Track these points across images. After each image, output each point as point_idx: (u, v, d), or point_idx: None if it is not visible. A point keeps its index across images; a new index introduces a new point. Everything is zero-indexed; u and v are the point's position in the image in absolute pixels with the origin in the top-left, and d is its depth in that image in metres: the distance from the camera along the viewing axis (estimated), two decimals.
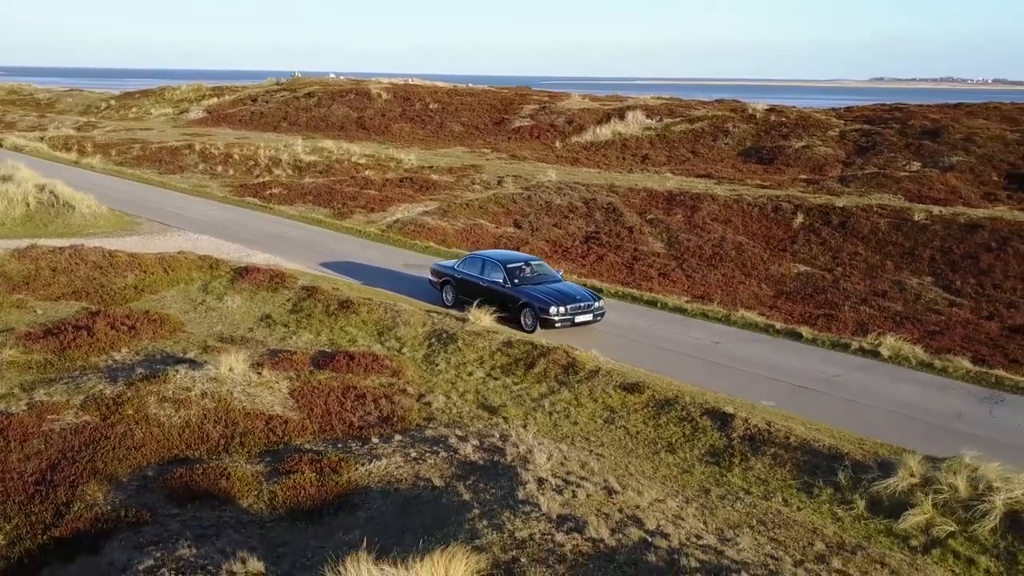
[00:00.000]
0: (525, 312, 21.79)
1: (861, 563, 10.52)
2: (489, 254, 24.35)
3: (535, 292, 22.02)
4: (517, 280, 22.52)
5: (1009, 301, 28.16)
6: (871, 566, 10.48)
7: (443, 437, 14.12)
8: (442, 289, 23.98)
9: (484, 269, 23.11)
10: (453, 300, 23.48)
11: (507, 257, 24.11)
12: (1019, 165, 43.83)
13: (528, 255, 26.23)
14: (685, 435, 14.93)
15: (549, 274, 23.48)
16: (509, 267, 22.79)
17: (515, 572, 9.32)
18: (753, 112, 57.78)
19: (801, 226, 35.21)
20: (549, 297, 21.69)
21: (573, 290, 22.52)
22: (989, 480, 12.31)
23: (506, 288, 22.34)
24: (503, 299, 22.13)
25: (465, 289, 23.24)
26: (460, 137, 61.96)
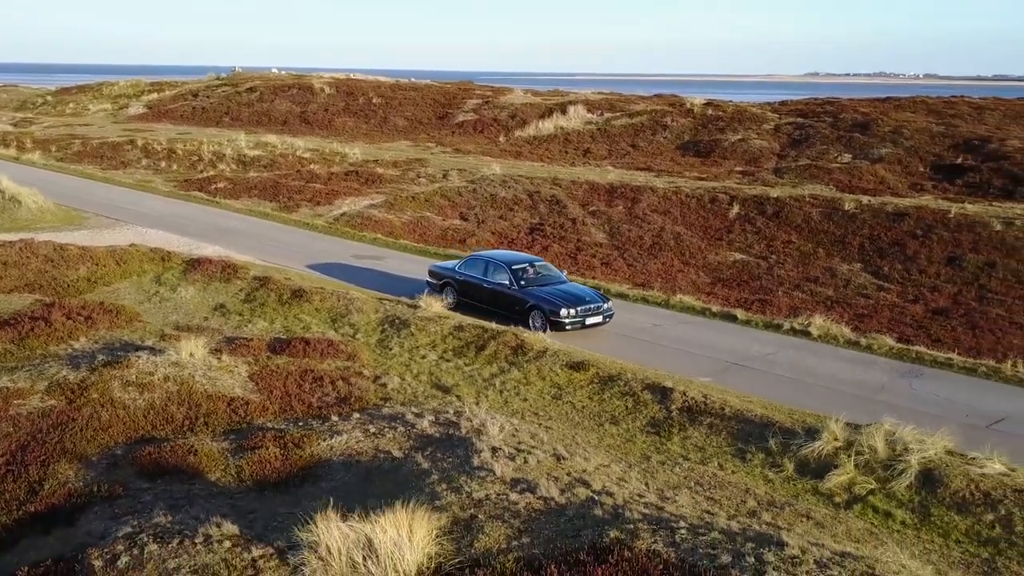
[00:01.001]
0: (533, 315, 21.17)
1: (789, 516, 11.52)
2: (492, 255, 23.67)
3: (543, 294, 21.45)
4: (523, 282, 21.90)
5: (933, 285, 29.68)
6: (798, 519, 11.49)
7: (400, 414, 14.85)
8: (442, 291, 23.14)
9: (487, 271, 22.45)
10: (455, 302, 22.64)
11: (511, 258, 23.43)
12: (944, 156, 45.73)
13: (531, 256, 25.73)
14: (627, 408, 15.89)
15: (554, 275, 22.97)
16: (514, 268, 22.16)
17: (473, 527, 10.12)
18: (691, 107, 59.21)
19: (737, 216, 36.50)
20: (559, 299, 21.15)
21: (581, 291, 22.05)
22: (906, 442, 13.42)
23: (512, 290, 21.72)
24: (509, 301, 21.65)
25: (467, 291, 22.64)
26: (404, 131, 62.50)
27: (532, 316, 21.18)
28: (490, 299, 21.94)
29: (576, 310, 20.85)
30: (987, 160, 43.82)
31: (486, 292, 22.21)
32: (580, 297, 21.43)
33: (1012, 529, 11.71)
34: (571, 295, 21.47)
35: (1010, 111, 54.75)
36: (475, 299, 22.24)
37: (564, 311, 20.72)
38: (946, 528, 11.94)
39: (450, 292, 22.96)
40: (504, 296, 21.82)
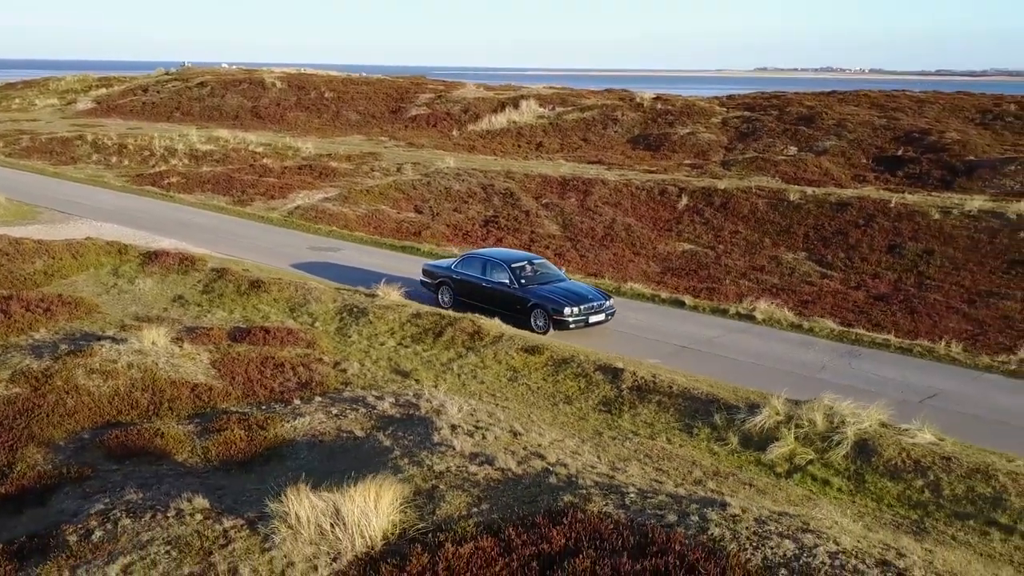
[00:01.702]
0: (536, 314, 20.79)
1: (732, 485, 12.21)
2: (489, 253, 23.24)
3: (546, 293, 21.05)
4: (524, 280, 21.50)
5: (874, 272, 30.72)
6: (741, 487, 12.18)
7: (361, 397, 15.33)
8: (437, 291, 22.80)
9: (486, 269, 22.02)
10: (451, 302, 22.33)
11: (510, 256, 22.95)
12: (886, 148, 47.03)
13: (530, 253, 25.35)
14: (580, 388, 16.52)
15: (554, 273, 22.68)
16: (514, 267, 21.75)
17: (435, 496, 10.66)
18: (641, 101, 60.09)
19: (686, 208, 37.32)
20: (562, 298, 20.74)
21: (584, 289, 21.78)
22: (843, 416, 14.21)
23: (513, 289, 21.32)
24: (510, 301, 21.27)
25: (465, 290, 22.26)
26: (357, 125, 62.65)
27: (534, 315, 20.81)
28: (489, 299, 21.56)
29: (579, 308, 20.49)
30: (927, 152, 45.17)
31: (485, 291, 21.79)
32: (583, 295, 21.08)
33: (940, 493, 12.52)
34: (574, 293, 21.14)
35: (949, 104, 56.31)
36: (473, 299, 21.88)
37: (568, 310, 20.35)
38: (879, 493, 12.72)
39: (446, 292, 22.60)
40: (504, 295, 21.39)
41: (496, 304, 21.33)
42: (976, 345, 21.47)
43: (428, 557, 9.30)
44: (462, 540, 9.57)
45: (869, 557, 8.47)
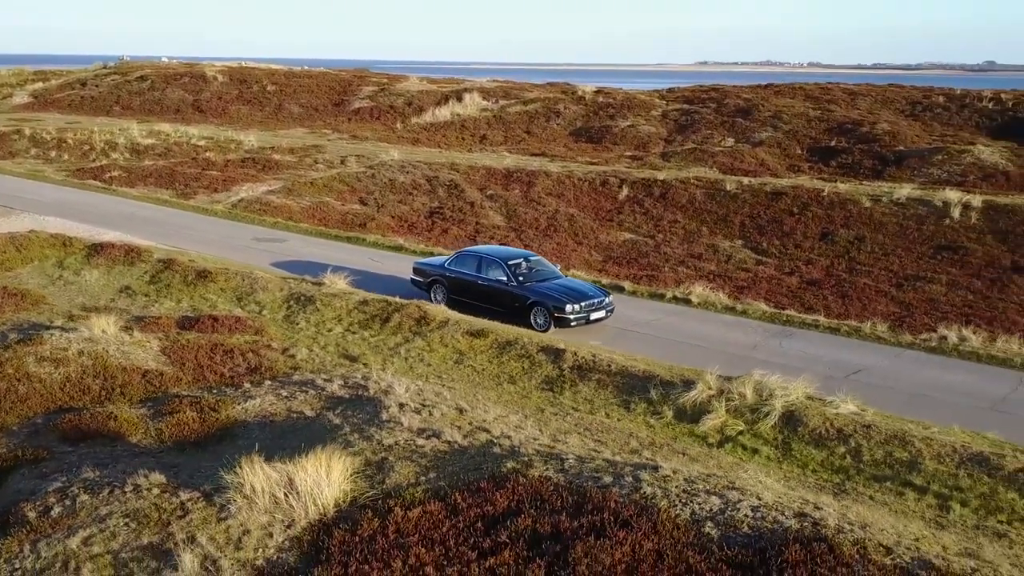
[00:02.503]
0: (536, 312, 20.45)
1: (666, 453, 12.89)
2: (483, 251, 22.79)
3: (545, 290, 20.76)
4: (522, 278, 21.20)
5: (807, 259, 31.83)
6: (675, 455, 12.87)
7: (310, 380, 15.76)
8: (430, 289, 22.37)
9: (481, 267, 21.64)
10: (444, 300, 21.82)
11: (506, 253, 22.52)
12: (820, 139, 48.42)
13: (525, 250, 25.14)
14: (524, 369, 17.13)
15: (549, 269, 22.46)
16: (510, 264, 21.44)
17: (385, 467, 11.17)
18: (583, 94, 60.92)
19: (627, 198, 38.18)
20: (562, 295, 20.45)
21: (583, 286, 21.54)
22: (771, 389, 14.99)
23: (511, 287, 20.98)
24: (508, 299, 20.94)
25: (459, 289, 21.85)
26: (300, 119, 62.60)
27: (534, 313, 20.48)
28: (486, 297, 21.23)
29: (580, 305, 20.17)
30: (859, 142, 46.64)
31: (481, 290, 21.43)
32: (583, 292, 20.81)
33: (860, 458, 13.34)
34: (573, 290, 20.88)
35: (881, 97, 58.03)
36: (469, 297, 21.53)
37: (569, 307, 20.01)
38: (804, 460, 13.52)
39: (439, 291, 22.18)
40: (502, 294, 21.05)
41: (493, 303, 21.04)
42: (902, 326, 22.51)
43: (378, 521, 9.81)
44: (411, 505, 10.10)
45: (788, 510, 9.18)
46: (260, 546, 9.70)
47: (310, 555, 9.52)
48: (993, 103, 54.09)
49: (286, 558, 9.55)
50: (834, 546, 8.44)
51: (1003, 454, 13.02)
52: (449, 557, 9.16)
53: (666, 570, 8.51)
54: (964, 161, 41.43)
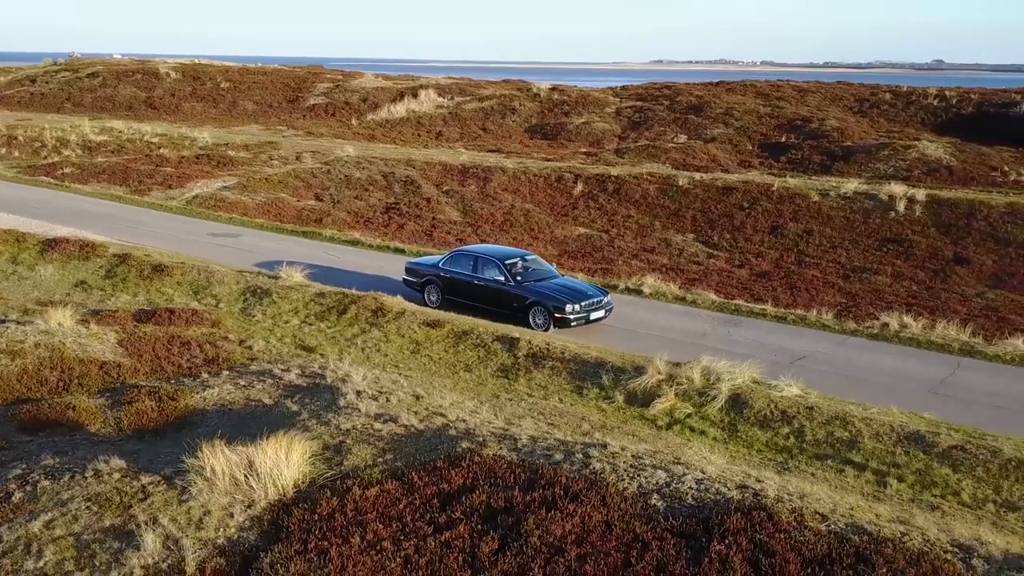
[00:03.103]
0: (535, 312, 20.19)
1: (618, 435, 13.30)
2: (479, 250, 22.54)
3: (544, 290, 20.53)
4: (519, 277, 20.95)
5: (757, 252, 32.50)
6: (625, 437, 13.28)
7: (267, 370, 15.96)
8: (423, 290, 22.04)
9: (477, 267, 21.32)
10: (439, 301, 21.66)
11: (502, 252, 22.24)
12: (770, 136, 49.29)
13: (521, 249, 24.89)
14: (479, 357, 17.47)
15: (545, 268, 22.25)
16: (507, 263, 21.17)
17: (343, 449, 11.45)
18: (538, 91, 61.37)
19: (581, 194, 38.63)
20: (561, 295, 20.23)
21: (582, 285, 21.41)
22: (719, 373, 15.48)
23: (508, 287, 20.71)
24: (506, 299, 20.67)
25: (455, 289, 21.56)
26: (254, 115, 62.38)
27: (533, 313, 20.24)
28: (483, 297, 20.97)
29: (580, 305, 19.96)
30: (808, 138, 47.57)
31: (478, 290, 21.15)
32: (582, 292, 20.61)
33: (803, 438, 13.86)
34: (573, 290, 20.69)
35: (829, 94, 59.14)
36: (465, 297, 21.30)
37: (569, 307, 19.78)
38: (750, 440, 14.01)
39: (433, 291, 21.87)
40: (499, 294, 20.78)
41: (490, 303, 20.80)
42: (848, 315, 23.15)
43: (337, 500, 10.10)
44: (368, 484, 10.40)
45: (730, 482, 9.61)
46: (221, 526, 9.94)
47: (270, 533, 9.78)
48: (938, 100, 55.38)
49: (247, 536, 9.80)
50: (773, 514, 8.89)
51: (938, 432, 13.60)
52: (406, 532, 9.48)
53: (614, 540, 8.90)
54: (909, 156, 42.46)
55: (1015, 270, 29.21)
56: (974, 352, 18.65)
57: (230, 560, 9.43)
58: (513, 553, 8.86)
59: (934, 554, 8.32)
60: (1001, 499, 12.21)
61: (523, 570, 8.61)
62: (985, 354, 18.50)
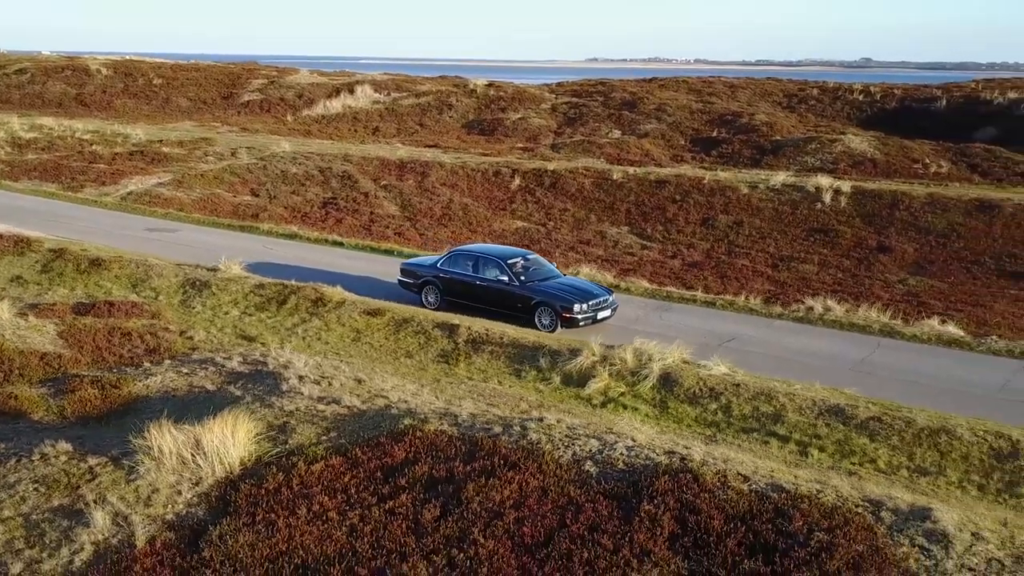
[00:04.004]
0: (541, 312, 19.70)
1: (554, 412, 13.79)
2: (479, 249, 22.09)
3: (550, 289, 20.12)
4: (523, 277, 20.45)
5: (689, 243, 33.33)
6: (561, 414, 13.77)
7: (209, 358, 16.15)
8: (421, 291, 21.42)
9: (478, 267, 20.81)
10: (437, 302, 21.05)
11: (504, 252, 21.78)
12: (702, 130, 50.33)
13: (520, 248, 24.54)
14: (420, 344, 17.86)
15: (548, 268, 21.82)
16: (510, 263, 20.67)
17: (287, 429, 11.78)
18: (474, 88, 61.75)
19: (519, 188, 39.15)
20: (569, 294, 19.82)
21: (587, 284, 21.06)
22: (650, 354, 16.08)
23: (512, 287, 20.19)
24: (511, 300, 20.12)
25: (455, 290, 20.98)
26: (188, 112, 61.79)
27: (539, 314, 19.75)
28: (485, 298, 20.43)
29: (588, 305, 19.56)
30: (739, 133, 48.69)
31: (479, 290, 20.58)
32: (589, 291, 20.23)
33: (730, 413, 14.51)
34: (580, 289, 20.34)
35: (759, 90, 60.52)
36: (465, 298, 20.74)
37: (577, 307, 19.36)
38: (680, 416, 14.63)
39: (432, 292, 21.25)
40: (503, 294, 20.25)
41: (493, 304, 20.29)
42: (776, 301, 23.99)
43: (283, 475, 10.44)
44: (313, 460, 10.76)
45: (659, 448, 10.17)
46: (169, 502, 10.22)
47: (218, 508, 10.08)
48: (863, 96, 57.03)
49: (195, 512, 10.09)
50: (698, 476, 9.46)
51: (857, 406, 14.35)
52: (351, 503, 9.86)
53: (550, 503, 9.39)
54: (835, 150, 43.75)
55: (935, 257, 30.45)
56: (893, 333, 19.53)
57: (179, 534, 9.72)
58: (454, 519, 9.30)
59: (846, 508, 8.97)
60: (914, 465, 12.98)
61: (464, 534, 9.05)
62: (903, 334, 19.40)
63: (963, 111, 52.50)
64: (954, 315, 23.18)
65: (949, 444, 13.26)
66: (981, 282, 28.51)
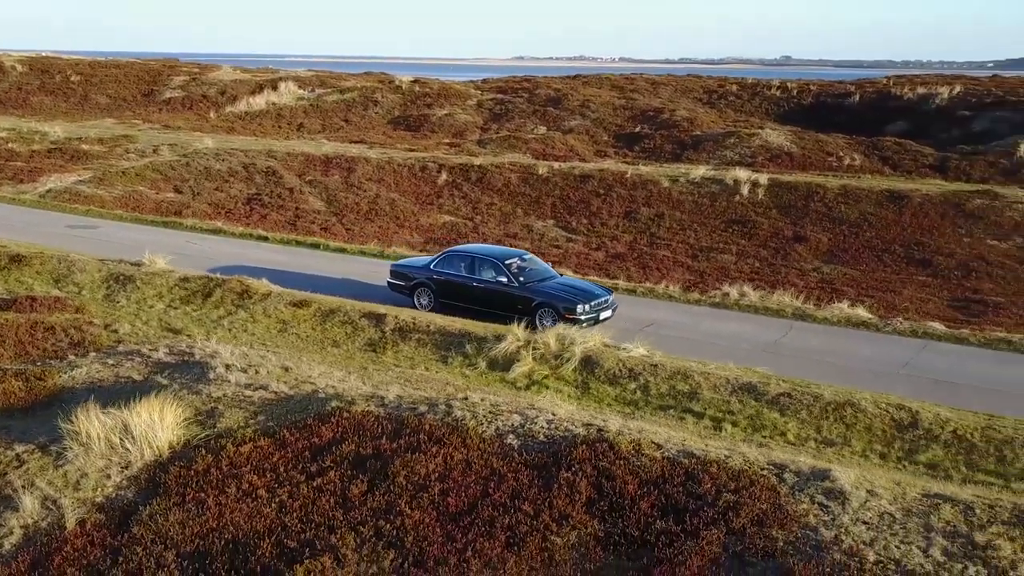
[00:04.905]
0: (542, 313, 19.15)
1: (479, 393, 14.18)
2: (474, 250, 21.57)
3: (551, 290, 19.70)
4: (522, 278, 19.97)
5: (612, 235, 34.00)
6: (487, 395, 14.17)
7: (135, 350, 16.18)
8: (412, 294, 20.73)
9: (474, 268, 20.29)
10: (431, 305, 20.45)
11: (501, 253, 21.29)
12: (625, 126, 51.18)
13: (515, 249, 24.09)
14: (347, 334, 18.09)
15: (543, 268, 21.43)
16: (507, 263, 20.17)
17: (215, 414, 11.97)
18: (400, 84, 61.80)
19: (445, 183, 39.44)
20: (571, 295, 19.41)
21: (588, 285, 20.73)
22: (572, 339, 16.58)
23: (511, 288, 19.67)
24: (510, 301, 19.50)
25: (450, 292, 20.38)
26: (108, 109, 60.70)
27: (540, 315, 19.16)
28: (483, 300, 19.85)
29: (590, 305, 19.13)
30: (660, 129, 49.64)
31: (477, 292, 20.01)
32: (591, 291, 19.86)
33: (648, 392, 15.08)
34: (581, 289, 19.95)
35: (680, 86, 61.68)
36: (461, 300, 20.17)
37: (580, 307, 18.89)
38: (601, 396, 15.14)
39: (425, 294, 20.65)
40: (502, 296, 19.68)
41: (492, 305, 19.67)
42: (694, 289, 24.73)
43: (212, 457, 10.66)
44: (242, 442, 10.99)
45: (578, 421, 10.63)
46: (99, 486, 10.36)
47: (148, 490, 10.27)
48: (781, 92, 58.55)
49: (125, 494, 10.25)
50: (614, 445, 9.94)
51: (768, 383, 15.02)
52: (280, 481, 10.13)
53: (474, 475, 9.78)
54: (754, 144, 44.91)
55: (847, 246, 31.58)
56: (805, 316, 20.35)
57: (110, 515, 9.89)
58: (381, 492, 9.64)
59: (752, 471, 9.53)
60: (821, 437, 13.67)
61: (391, 506, 9.39)
62: (815, 317, 20.23)
63: (875, 106, 54.32)
64: (865, 300, 24.19)
65: (854, 416, 13.99)
66: (891, 269, 29.71)
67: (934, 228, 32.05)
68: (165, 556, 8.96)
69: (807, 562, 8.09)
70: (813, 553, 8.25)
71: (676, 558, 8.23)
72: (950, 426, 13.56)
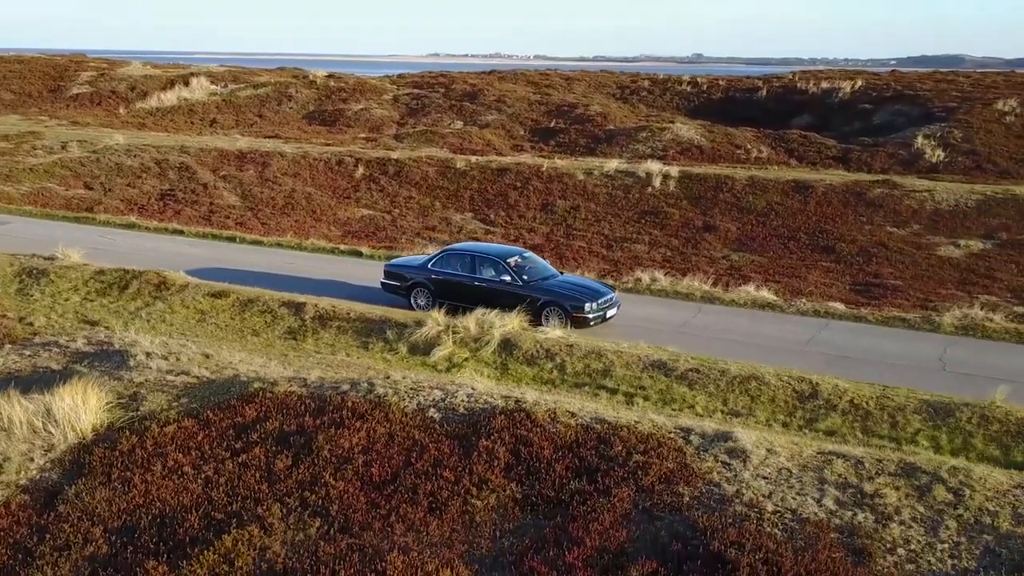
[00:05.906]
0: (548, 311, 18.73)
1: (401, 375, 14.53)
2: (473, 248, 21.28)
3: (556, 289, 19.35)
4: (526, 276, 19.56)
5: (530, 227, 34.54)
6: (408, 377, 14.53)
7: (52, 341, 16.10)
8: (409, 294, 20.17)
9: (475, 267, 19.78)
10: (428, 304, 19.66)
11: (501, 251, 20.86)
12: (540, 121, 51.85)
13: (517, 247, 23.72)
14: (266, 322, 18.23)
15: (544, 266, 21.02)
16: (509, 261, 19.75)
17: (138, 397, 12.09)
18: (314, 79, 61.49)
19: (363, 177, 39.52)
20: (578, 293, 19.10)
21: (591, 283, 20.44)
22: (491, 322, 17.04)
23: (515, 287, 19.19)
24: (513, 300, 18.80)
25: (449, 292, 19.70)
26: (12, 105, 59.09)
27: (546, 314, 18.74)
28: (484, 299, 19.05)
29: (597, 303, 18.89)
30: (575, 123, 50.42)
31: (478, 291, 19.41)
32: (596, 289, 19.60)
33: (564, 371, 15.62)
34: (587, 288, 19.66)
35: (594, 82, 62.66)
36: (462, 300, 19.40)
37: (588, 306, 18.62)
38: (519, 376, 15.62)
39: (422, 295, 20.07)
40: (506, 295, 19.08)
41: (495, 305, 18.79)
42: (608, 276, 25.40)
43: (136, 438, 10.81)
44: (166, 423, 11.16)
45: (497, 394, 11.08)
46: (22, 469, 10.43)
47: (73, 471, 10.38)
48: (691, 87, 59.92)
49: (49, 476, 10.35)
50: (531, 413, 10.41)
51: (678, 360, 15.69)
52: (205, 458, 10.35)
53: (396, 447, 10.14)
54: (665, 138, 45.97)
55: (755, 234, 32.67)
56: (714, 299, 21.16)
57: (34, 496, 9.99)
58: (306, 466, 9.94)
59: (660, 434, 10.09)
60: (728, 408, 14.37)
61: (316, 478, 9.70)
62: (723, 300, 21.05)
63: (782, 101, 56.00)
64: (772, 285, 25.13)
65: (759, 389, 14.73)
66: (797, 255, 30.84)
67: (837, 216, 33.34)
68: (92, 532, 9.12)
69: (711, 514, 8.67)
70: (716, 506, 8.83)
71: (589, 515, 8.73)
72: (847, 396, 14.37)
